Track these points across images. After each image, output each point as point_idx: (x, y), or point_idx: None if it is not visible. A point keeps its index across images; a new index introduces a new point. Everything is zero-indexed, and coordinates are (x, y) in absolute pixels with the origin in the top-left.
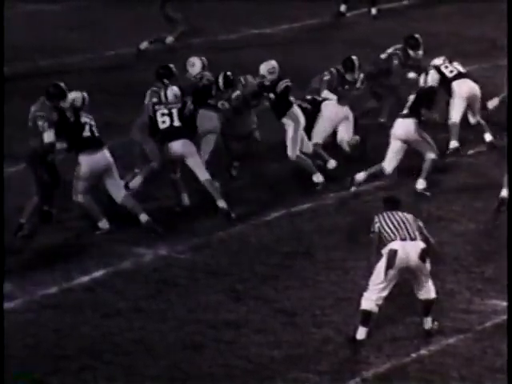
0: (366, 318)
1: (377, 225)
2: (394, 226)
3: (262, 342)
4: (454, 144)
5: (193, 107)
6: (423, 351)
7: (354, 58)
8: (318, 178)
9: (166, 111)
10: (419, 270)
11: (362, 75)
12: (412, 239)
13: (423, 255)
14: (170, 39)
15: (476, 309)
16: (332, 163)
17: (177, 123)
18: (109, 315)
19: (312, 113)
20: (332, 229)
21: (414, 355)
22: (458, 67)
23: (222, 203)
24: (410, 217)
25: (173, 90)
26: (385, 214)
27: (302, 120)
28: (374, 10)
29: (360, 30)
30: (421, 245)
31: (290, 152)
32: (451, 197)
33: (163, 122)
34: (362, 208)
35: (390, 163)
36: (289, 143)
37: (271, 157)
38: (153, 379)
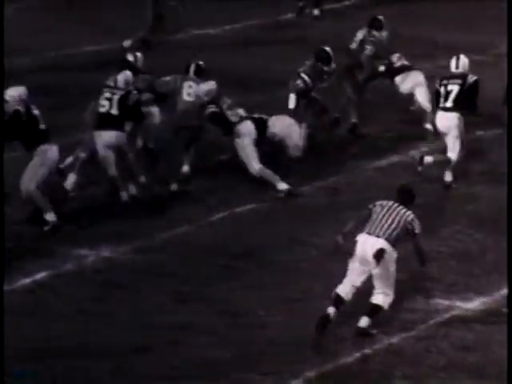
0: (337, 301)
1: (373, 208)
2: (375, 218)
3: (206, 344)
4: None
5: (138, 97)
6: (367, 350)
7: (327, 49)
8: (282, 186)
9: (108, 95)
10: (373, 266)
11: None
12: (377, 236)
13: (377, 255)
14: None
15: (420, 308)
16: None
17: (114, 111)
18: (52, 318)
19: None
20: (276, 230)
21: (357, 354)
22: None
23: (124, 196)
24: (401, 216)
25: (124, 75)
26: (385, 202)
27: (249, 133)
28: (316, 11)
29: (305, 30)
30: (380, 244)
31: (250, 169)
32: (391, 196)
33: (103, 105)
34: (304, 209)
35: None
36: (245, 161)
37: (214, 157)
38: (98, 382)
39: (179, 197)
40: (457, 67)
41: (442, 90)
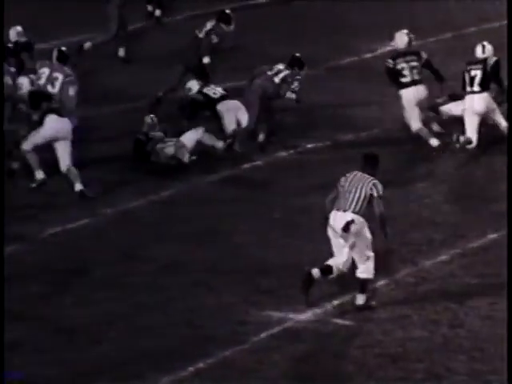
0: (308, 278)
1: (339, 183)
2: (341, 192)
3: (40, 361)
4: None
5: None
6: (201, 364)
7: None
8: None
9: None
10: (346, 239)
11: None
12: (344, 210)
13: (345, 227)
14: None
15: (252, 320)
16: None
17: None
18: None
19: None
20: (109, 245)
21: (191, 369)
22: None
23: None
24: (363, 183)
25: None
26: (349, 174)
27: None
28: (157, 12)
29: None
30: (348, 216)
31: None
32: (227, 209)
33: None
34: (138, 223)
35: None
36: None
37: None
38: None
39: (9, 214)
40: (483, 53)
41: (467, 76)
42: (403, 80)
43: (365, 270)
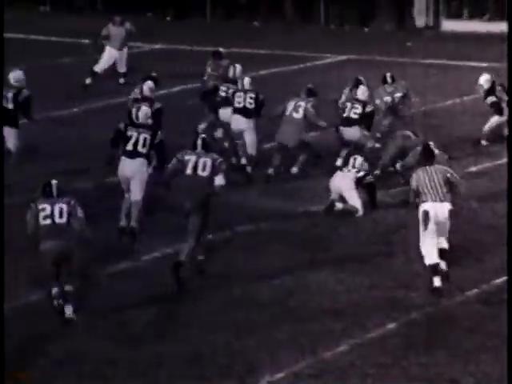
0: (436, 269)
1: (414, 183)
2: (427, 187)
3: None
4: None
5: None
6: None
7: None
8: None
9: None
10: (445, 225)
11: None
12: (441, 200)
13: (450, 216)
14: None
15: None
16: None
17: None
18: None
19: None
20: None
21: None
22: None
23: None
24: (442, 174)
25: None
26: (421, 170)
27: None
28: None
29: None
30: (448, 206)
31: None
32: (125, 301)
33: None
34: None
35: None
36: None
37: None
38: None
39: None
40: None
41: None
42: None
43: (446, 243)
